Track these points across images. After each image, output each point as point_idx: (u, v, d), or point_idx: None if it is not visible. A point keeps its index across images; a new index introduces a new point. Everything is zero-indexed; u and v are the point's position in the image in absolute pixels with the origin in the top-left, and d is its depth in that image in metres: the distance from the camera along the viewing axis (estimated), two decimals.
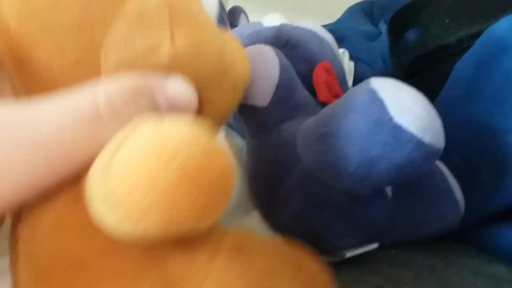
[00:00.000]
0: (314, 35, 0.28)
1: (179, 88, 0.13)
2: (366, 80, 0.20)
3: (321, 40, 0.28)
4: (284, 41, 0.27)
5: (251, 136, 0.25)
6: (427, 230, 0.24)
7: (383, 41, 0.46)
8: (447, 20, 0.35)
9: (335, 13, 0.58)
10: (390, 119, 0.18)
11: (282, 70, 0.23)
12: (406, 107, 0.18)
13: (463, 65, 0.26)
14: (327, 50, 0.28)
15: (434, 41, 0.34)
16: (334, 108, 0.20)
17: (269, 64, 0.23)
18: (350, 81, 0.41)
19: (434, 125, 0.19)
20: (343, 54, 0.42)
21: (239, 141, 0.31)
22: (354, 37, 0.46)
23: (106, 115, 0.12)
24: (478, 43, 0.26)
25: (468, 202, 0.25)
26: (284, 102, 0.23)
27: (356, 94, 0.20)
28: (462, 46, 0.30)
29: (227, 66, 0.15)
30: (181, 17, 0.13)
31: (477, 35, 0.28)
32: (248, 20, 0.47)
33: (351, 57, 0.44)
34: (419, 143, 0.18)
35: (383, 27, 0.50)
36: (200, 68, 0.14)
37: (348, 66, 0.42)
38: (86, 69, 0.13)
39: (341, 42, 0.47)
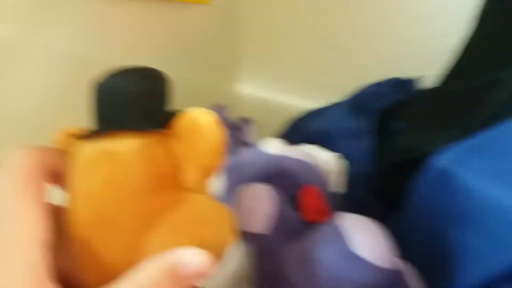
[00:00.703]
0: (302, 163, 0.36)
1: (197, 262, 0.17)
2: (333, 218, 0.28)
3: (309, 166, 0.36)
4: (280, 171, 0.35)
5: (255, 256, 0.32)
6: None
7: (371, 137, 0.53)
8: (409, 130, 0.43)
9: (342, 88, 0.63)
10: (352, 251, 0.25)
11: (276, 204, 0.30)
12: (362, 241, 0.26)
13: (416, 190, 0.33)
14: (314, 174, 0.36)
15: (403, 154, 0.41)
16: (312, 242, 0.28)
17: (265, 200, 0.30)
18: (343, 181, 0.48)
19: (384, 252, 0.26)
20: (334, 157, 0.49)
21: None
22: (343, 138, 0.53)
23: None
24: (426, 171, 0.33)
25: None
26: (280, 228, 0.30)
27: (325, 232, 0.27)
28: (424, 161, 0.37)
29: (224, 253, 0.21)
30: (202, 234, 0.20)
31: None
32: (254, 130, 0.55)
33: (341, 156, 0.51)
34: (375, 268, 0.25)
35: (370, 119, 0.57)
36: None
37: (340, 166, 0.49)
38: (131, 260, 0.18)
39: (331, 141, 0.55)
